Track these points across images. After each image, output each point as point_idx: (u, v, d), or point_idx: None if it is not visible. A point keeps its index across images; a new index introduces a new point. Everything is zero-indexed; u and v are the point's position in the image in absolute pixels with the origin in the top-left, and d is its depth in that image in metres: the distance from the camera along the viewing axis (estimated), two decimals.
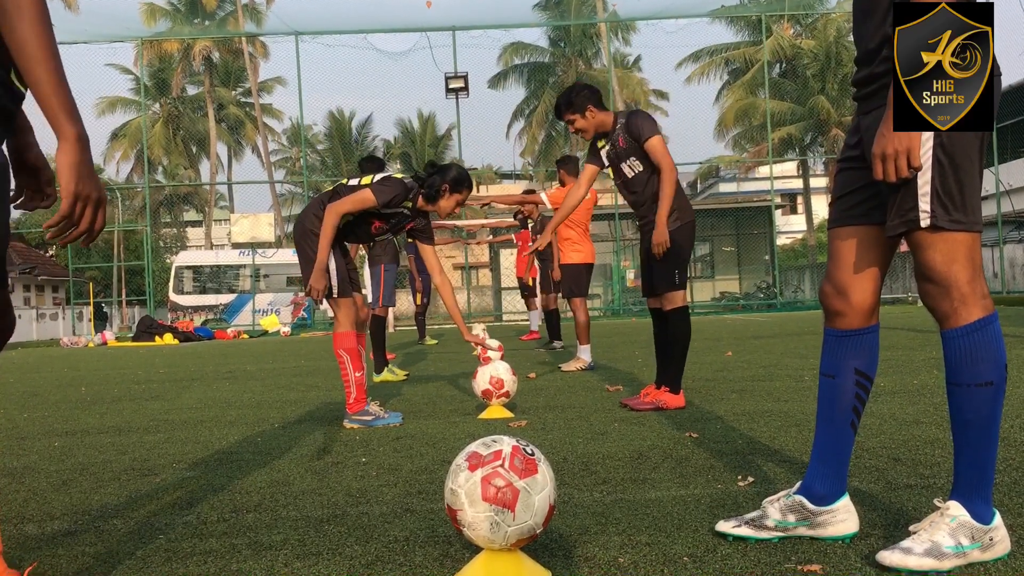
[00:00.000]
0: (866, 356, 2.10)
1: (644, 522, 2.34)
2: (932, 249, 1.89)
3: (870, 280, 2.08)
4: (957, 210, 1.87)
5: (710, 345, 9.49)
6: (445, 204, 4.53)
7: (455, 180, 4.50)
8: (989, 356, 1.88)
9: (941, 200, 1.86)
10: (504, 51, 36.08)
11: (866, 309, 2.08)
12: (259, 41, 38.23)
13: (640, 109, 4.77)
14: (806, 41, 33.29)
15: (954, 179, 1.87)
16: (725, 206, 28.93)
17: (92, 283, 31.53)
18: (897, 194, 1.91)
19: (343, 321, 4.46)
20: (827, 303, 2.13)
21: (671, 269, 4.64)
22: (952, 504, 1.92)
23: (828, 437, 2.13)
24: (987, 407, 1.88)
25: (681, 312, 4.67)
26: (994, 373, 1.88)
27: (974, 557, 1.88)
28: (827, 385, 2.13)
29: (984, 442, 1.89)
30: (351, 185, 4.46)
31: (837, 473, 2.12)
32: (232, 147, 43.54)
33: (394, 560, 2.11)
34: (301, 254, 4.46)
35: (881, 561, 1.87)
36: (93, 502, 2.90)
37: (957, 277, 1.88)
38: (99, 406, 5.92)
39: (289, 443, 3.96)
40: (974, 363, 1.88)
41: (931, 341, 8.00)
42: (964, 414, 1.90)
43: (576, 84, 4.92)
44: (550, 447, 3.53)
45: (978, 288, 1.89)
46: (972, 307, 1.88)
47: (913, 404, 4.23)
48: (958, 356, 1.90)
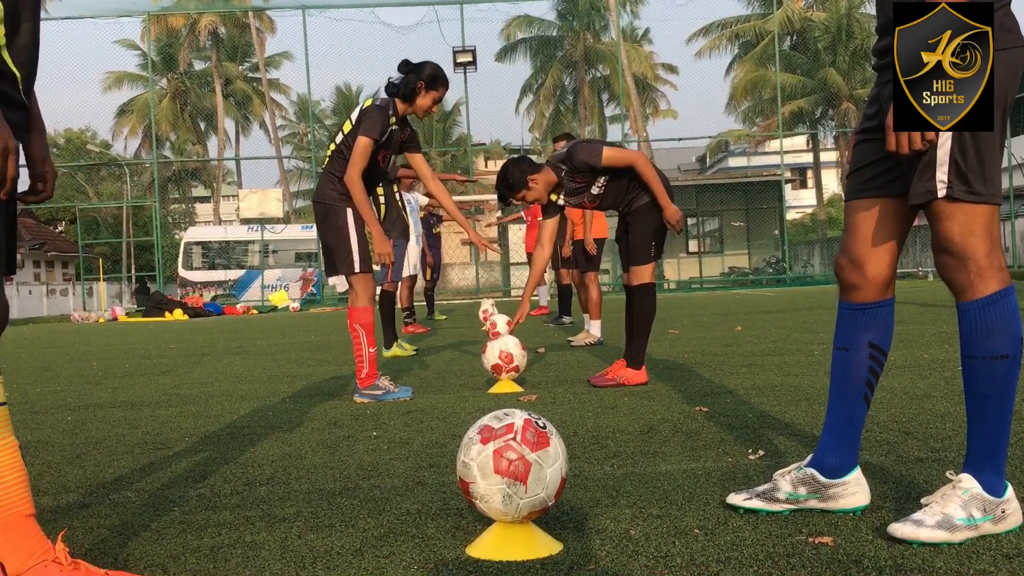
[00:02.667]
0: (881, 330, 2.08)
1: (655, 495, 2.35)
2: (950, 220, 1.87)
3: (886, 253, 2.06)
4: (976, 181, 1.84)
5: (720, 320, 9.49)
6: (422, 102, 4.51)
7: (431, 77, 4.47)
8: (1005, 329, 1.87)
9: (960, 171, 1.84)
10: (509, 23, 35.78)
11: (881, 282, 2.07)
12: (266, 15, 37.97)
13: (573, 144, 4.67)
14: (817, 13, 32.97)
15: (974, 150, 1.84)
16: (735, 181, 28.81)
17: (102, 259, 31.63)
18: (916, 165, 1.89)
19: (362, 296, 4.46)
20: (842, 276, 2.12)
21: (648, 241, 4.62)
22: (964, 477, 1.91)
23: (841, 410, 2.12)
24: (1002, 381, 1.87)
25: (647, 288, 4.65)
26: (1010, 346, 1.87)
27: (986, 529, 1.88)
28: (841, 358, 2.13)
29: (999, 416, 1.89)
30: (342, 140, 4.48)
31: (849, 446, 2.12)
32: (239, 122, 43.43)
33: (406, 532, 2.12)
34: (324, 230, 4.44)
35: (893, 533, 1.87)
36: (107, 475, 2.92)
37: (975, 249, 1.86)
38: (111, 381, 5.96)
39: (300, 417, 3.98)
40: (990, 335, 1.87)
41: (942, 315, 7.98)
42: (979, 387, 1.89)
43: (503, 167, 4.78)
44: (560, 421, 3.54)
45: (995, 261, 1.87)
46: (989, 279, 1.87)
47: (924, 378, 4.22)
48: (974, 329, 1.88)
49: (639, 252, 4.64)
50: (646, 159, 4.59)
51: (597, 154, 4.51)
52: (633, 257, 4.66)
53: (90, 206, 36.67)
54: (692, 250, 29.01)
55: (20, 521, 1.69)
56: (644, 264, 4.64)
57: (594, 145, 4.59)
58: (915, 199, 1.91)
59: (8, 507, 1.68)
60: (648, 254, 4.64)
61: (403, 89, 4.47)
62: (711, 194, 28.49)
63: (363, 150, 4.35)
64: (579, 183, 4.63)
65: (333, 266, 4.47)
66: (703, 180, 32.44)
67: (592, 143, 4.64)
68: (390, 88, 4.52)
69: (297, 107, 43.76)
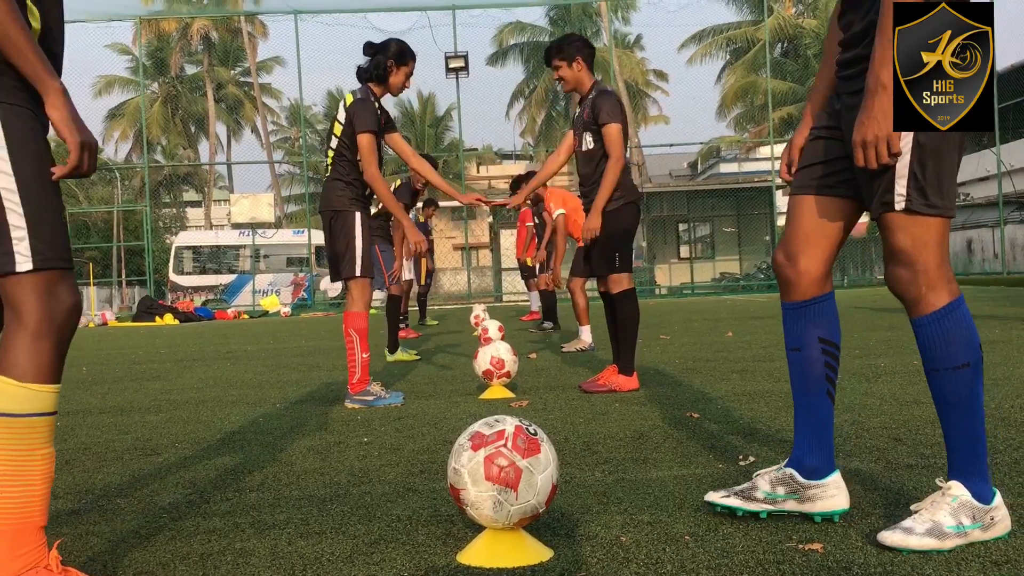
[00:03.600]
0: (826, 324, 2.12)
1: (645, 501, 2.35)
2: (904, 232, 1.89)
3: (823, 251, 2.10)
4: (934, 195, 1.87)
5: (711, 326, 9.51)
6: (395, 80, 4.56)
7: (398, 53, 4.53)
8: (962, 338, 1.89)
9: (919, 184, 1.87)
10: (501, 30, 35.83)
11: (816, 278, 2.10)
12: (258, 20, 37.96)
13: (613, 92, 4.73)
14: (808, 20, 33.08)
15: (932, 164, 1.87)
16: (726, 186, 28.86)
17: (92, 264, 31.49)
18: (875, 177, 1.91)
19: (358, 300, 4.45)
20: (779, 272, 2.16)
21: (611, 251, 4.62)
22: (954, 484, 1.93)
23: (807, 410, 2.14)
24: (968, 388, 1.90)
25: (627, 295, 4.65)
26: (969, 354, 1.90)
27: (975, 537, 1.89)
28: (795, 359, 2.16)
29: (971, 421, 1.91)
30: (336, 145, 4.46)
31: (822, 445, 2.13)
32: (231, 127, 43.37)
33: (397, 539, 2.12)
34: (339, 237, 4.42)
35: (882, 541, 1.88)
36: (96, 481, 2.91)
37: (927, 262, 1.89)
38: (100, 386, 5.93)
39: (291, 423, 3.97)
40: (948, 347, 1.90)
41: None
42: (946, 397, 1.92)
43: (572, 34, 4.91)
44: (551, 427, 3.54)
45: (944, 273, 1.90)
46: (940, 292, 1.90)
47: (913, 384, 4.23)
48: (932, 342, 1.91)
49: (609, 260, 4.63)
50: (620, 169, 4.60)
51: (609, 116, 4.57)
52: (605, 265, 4.67)
53: (80, 210, 36.47)
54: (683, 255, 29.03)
55: (30, 531, 1.69)
56: (619, 273, 4.65)
57: (617, 112, 4.60)
58: (874, 212, 1.94)
59: (26, 516, 1.68)
60: (614, 264, 4.63)
61: (374, 72, 4.51)
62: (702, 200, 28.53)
63: (369, 146, 4.39)
64: (586, 118, 4.69)
65: (337, 270, 4.47)
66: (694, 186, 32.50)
67: (619, 111, 4.63)
68: (361, 74, 4.56)
69: (289, 112, 43.72)
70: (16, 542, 1.66)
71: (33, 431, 1.68)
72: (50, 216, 1.71)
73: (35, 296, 1.68)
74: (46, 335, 1.70)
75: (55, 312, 1.70)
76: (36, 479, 1.68)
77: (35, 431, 1.68)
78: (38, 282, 1.69)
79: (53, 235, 1.71)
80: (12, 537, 1.66)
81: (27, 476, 1.67)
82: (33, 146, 1.69)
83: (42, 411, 1.69)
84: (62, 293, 1.72)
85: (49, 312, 1.70)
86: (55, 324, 1.71)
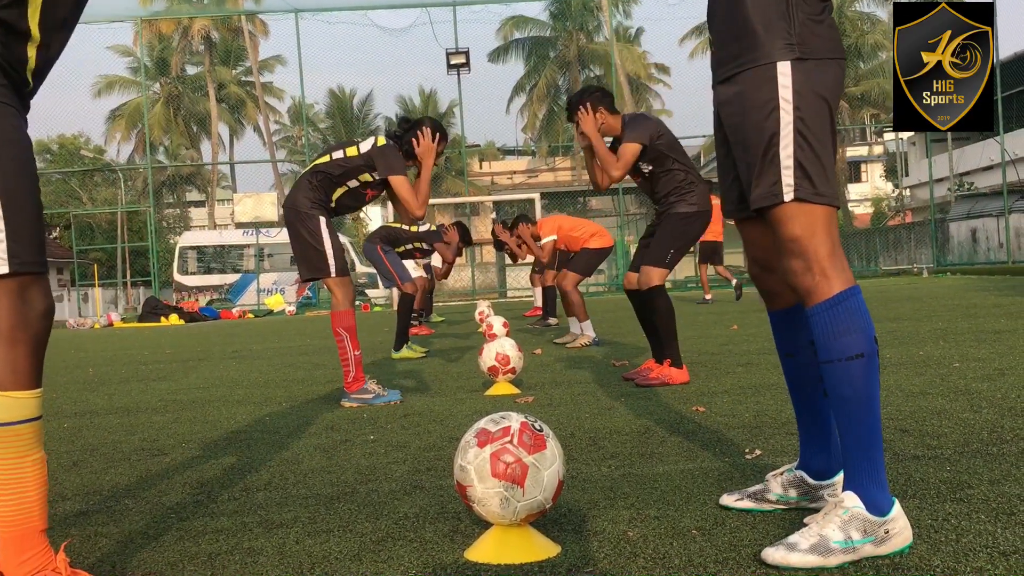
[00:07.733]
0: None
1: (652, 496, 2.35)
2: (793, 222, 1.86)
3: None
4: (821, 183, 1.86)
5: (716, 319, 9.50)
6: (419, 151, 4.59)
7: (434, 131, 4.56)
8: (855, 327, 1.83)
9: (806, 173, 1.85)
10: (503, 25, 35.81)
11: None
12: (258, 19, 37.87)
13: (640, 115, 4.82)
14: None
15: (814, 154, 1.86)
16: None
17: (96, 265, 31.55)
18: (756, 168, 1.90)
19: (342, 299, 4.48)
20: (759, 283, 2.15)
21: (668, 247, 4.69)
22: (847, 495, 1.82)
23: (807, 413, 2.13)
24: (863, 381, 1.82)
25: (658, 290, 4.69)
26: (864, 345, 1.83)
27: (866, 552, 1.77)
28: (790, 364, 2.14)
29: (866, 419, 1.82)
30: (338, 158, 4.46)
31: (827, 447, 2.11)
32: (233, 127, 43.39)
33: (404, 536, 2.12)
34: (296, 236, 4.46)
35: (764, 559, 1.79)
36: (104, 482, 2.91)
37: (817, 250, 1.85)
38: (107, 387, 5.95)
39: (297, 421, 3.98)
40: (840, 336, 1.83)
41: (937, 312, 7.99)
42: (841, 391, 1.84)
43: (585, 88, 4.93)
44: (557, 422, 3.54)
45: (837, 262, 1.86)
46: (833, 280, 1.84)
47: (919, 375, 4.23)
48: (825, 331, 1.84)
49: (657, 253, 4.70)
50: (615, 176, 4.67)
51: (628, 136, 4.64)
52: (648, 256, 4.72)
53: (84, 212, 36.56)
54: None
55: (31, 535, 1.69)
56: (657, 267, 4.69)
57: (638, 133, 4.65)
58: (760, 201, 1.90)
59: (24, 522, 1.68)
60: (664, 259, 4.70)
61: (404, 147, 4.57)
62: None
63: (405, 187, 4.45)
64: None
65: (307, 270, 4.50)
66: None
67: (641, 131, 4.66)
68: (393, 138, 4.59)
69: (291, 110, 43.72)
70: (19, 548, 1.67)
71: (20, 439, 1.66)
72: (29, 219, 1.65)
73: (7, 301, 1.64)
74: (20, 341, 1.65)
75: (28, 317, 1.66)
76: (30, 485, 1.67)
77: (21, 438, 1.66)
78: (12, 287, 1.64)
79: (31, 238, 1.65)
80: (14, 543, 1.66)
81: (20, 483, 1.66)
82: (15, 147, 1.64)
83: (25, 418, 1.66)
84: (35, 297, 1.68)
85: (23, 317, 1.65)
86: (29, 330, 1.67)
